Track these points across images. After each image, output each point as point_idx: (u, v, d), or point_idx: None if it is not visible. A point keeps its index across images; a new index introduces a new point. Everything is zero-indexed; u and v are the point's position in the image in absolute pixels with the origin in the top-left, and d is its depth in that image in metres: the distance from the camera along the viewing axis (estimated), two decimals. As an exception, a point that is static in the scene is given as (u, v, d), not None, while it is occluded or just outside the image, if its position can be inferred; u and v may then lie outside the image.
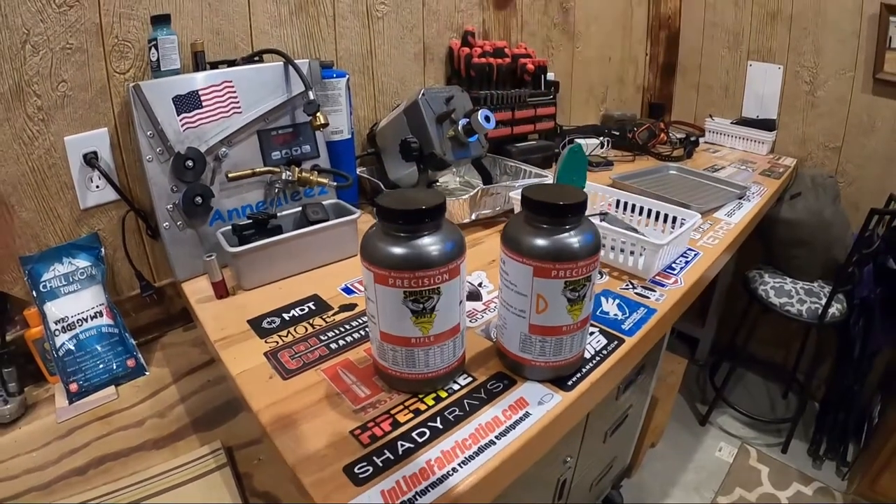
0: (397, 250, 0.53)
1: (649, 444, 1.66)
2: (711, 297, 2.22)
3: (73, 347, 0.87)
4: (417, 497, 0.49)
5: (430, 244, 0.54)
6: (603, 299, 0.84)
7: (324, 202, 1.00)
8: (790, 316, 1.70)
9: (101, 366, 0.88)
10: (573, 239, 0.56)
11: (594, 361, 0.69)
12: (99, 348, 0.89)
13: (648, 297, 0.85)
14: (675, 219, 1.03)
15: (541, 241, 0.56)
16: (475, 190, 1.02)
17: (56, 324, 0.87)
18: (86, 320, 0.89)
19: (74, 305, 0.89)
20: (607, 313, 0.80)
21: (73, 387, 0.86)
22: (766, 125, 1.91)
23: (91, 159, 0.90)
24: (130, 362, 0.91)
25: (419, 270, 0.53)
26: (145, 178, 0.89)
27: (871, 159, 1.80)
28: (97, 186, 0.93)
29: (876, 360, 1.78)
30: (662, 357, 1.36)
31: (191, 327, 1.05)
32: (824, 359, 1.93)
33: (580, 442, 1.07)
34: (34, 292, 0.88)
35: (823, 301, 1.67)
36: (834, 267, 1.74)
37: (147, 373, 0.93)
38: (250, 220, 0.90)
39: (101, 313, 0.91)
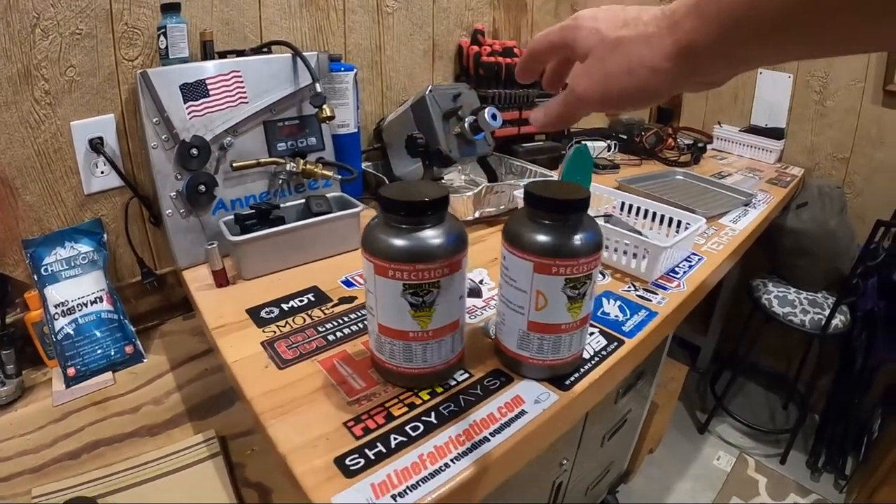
0: (398, 242, 0.52)
1: (647, 450, 1.64)
2: (715, 305, 2.20)
3: (71, 332, 0.87)
4: (408, 491, 0.49)
5: (432, 237, 0.53)
6: (604, 300, 0.83)
7: (328, 195, 0.99)
8: (793, 326, 1.68)
9: (99, 351, 0.88)
10: (576, 236, 0.55)
11: (593, 362, 0.68)
12: (98, 333, 0.89)
13: (650, 300, 0.84)
14: (679, 223, 1.02)
15: (542, 237, 0.55)
16: (479, 187, 1.01)
17: (56, 307, 0.87)
18: (86, 305, 0.89)
19: (75, 290, 0.89)
20: (608, 314, 0.79)
21: (71, 371, 0.86)
22: (774, 134, 1.89)
23: (97, 144, 0.90)
24: (129, 349, 0.91)
25: (419, 263, 0.52)
26: (150, 164, 0.88)
27: (879, 171, 1.78)
28: (102, 172, 0.93)
29: (877, 374, 1.75)
30: (663, 363, 1.34)
31: (191, 316, 1.05)
32: (826, 371, 1.91)
33: (577, 445, 1.06)
34: (35, 276, 0.87)
35: (827, 312, 1.66)
36: (838, 278, 1.72)
37: (145, 360, 0.92)
38: (253, 210, 0.90)
39: (101, 299, 0.91)
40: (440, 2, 1.36)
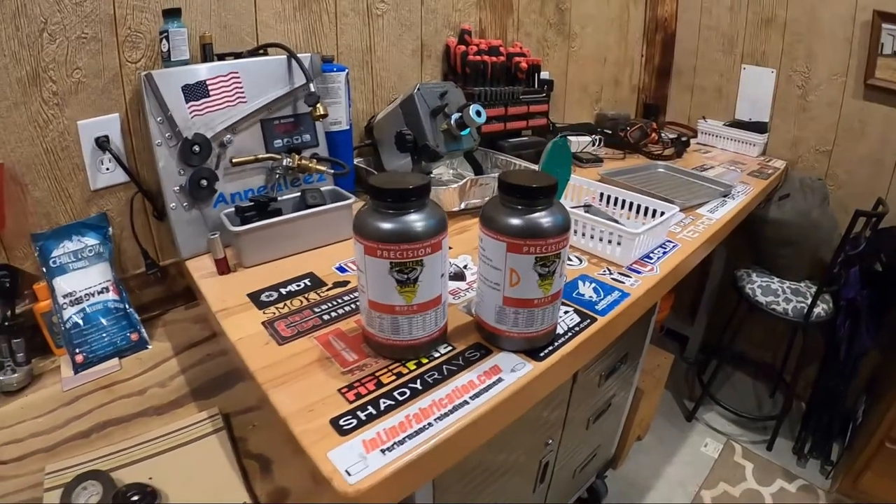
0: (386, 225, 0.60)
1: (635, 437, 1.72)
2: (701, 295, 2.28)
3: (79, 321, 0.93)
4: (395, 446, 0.56)
5: (416, 220, 0.61)
6: (580, 283, 0.91)
7: (322, 188, 1.07)
8: (776, 314, 1.76)
9: (105, 339, 0.95)
10: (544, 219, 0.63)
11: (566, 336, 0.76)
12: (104, 322, 0.95)
13: (623, 283, 0.92)
14: (654, 212, 1.10)
15: (514, 220, 0.63)
16: (465, 180, 1.08)
17: (64, 298, 0.93)
18: (93, 295, 0.96)
19: (82, 281, 0.96)
20: (583, 295, 0.87)
21: (79, 358, 0.92)
22: (758, 128, 1.98)
23: (103, 143, 0.96)
24: (134, 336, 0.98)
25: (404, 243, 0.60)
26: (154, 161, 0.95)
27: (861, 163, 1.87)
28: (107, 169, 0.99)
29: (862, 362, 1.82)
30: (647, 349, 1.42)
31: (192, 305, 1.12)
32: (811, 359, 1.98)
33: (562, 425, 1.13)
34: (44, 268, 0.93)
35: (809, 301, 1.73)
36: (822, 268, 1.79)
37: (149, 346, 0.99)
38: (252, 203, 0.97)
39: (107, 289, 0.97)
40: (428, 3, 1.44)
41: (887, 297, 1.71)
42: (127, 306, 0.99)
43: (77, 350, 0.92)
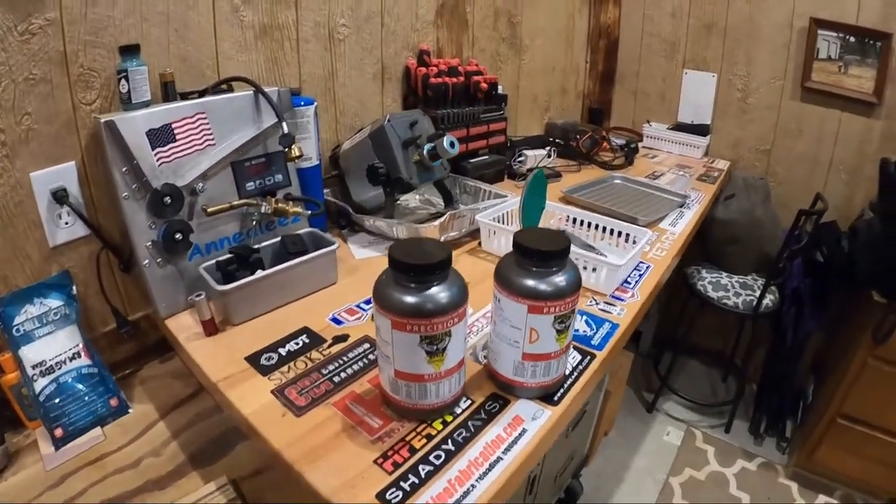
0: (411, 299, 0.63)
1: (603, 434, 1.83)
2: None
3: (53, 392, 0.88)
4: (448, 512, 0.60)
5: (441, 292, 0.64)
6: (573, 317, 0.97)
7: (299, 231, 1.07)
8: (727, 308, 1.91)
9: (84, 408, 0.91)
10: (560, 279, 0.68)
11: (573, 376, 0.82)
12: (81, 390, 0.91)
13: (611, 312, 0.99)
14: (626, 235, 1.18)
15: (533, 282, 0.67)
16: (444, 216, 1.12)
17: (34, 368, 0.88)
18: (65, 363, 0.91)
19: (51, 348, 0.91)
20: (578, 330, 0.93)
21: (59, 432, 0.87)
22: (700, 130, 2.12)
23: (61, 196, 0.91)
24: (113, 401, 0.94)
25: (434, 317, 0.63)
26: (122, 214, 0.91)
27: (799, 162, 2.05)
28: (66, 223, 0.94)
29: (807, 344, 2.01)
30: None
31: (167, 359, 1.09)
32: (760, 344, 2.17)
33: (548, 441, 1.20)
34: (7, 336, 0.88)
35: (757, 293, 1.89)
36: (766, 261, 1.96)
37: (131, 410, 0.95)
38: (232, 255, 0.96)
39: (79, 354, 0.93)
40: (388, 25, 1.45)
41: (828, 284, 1.90)
42: (101, 370, 0.94)
43: (55, 424, 0.88)
